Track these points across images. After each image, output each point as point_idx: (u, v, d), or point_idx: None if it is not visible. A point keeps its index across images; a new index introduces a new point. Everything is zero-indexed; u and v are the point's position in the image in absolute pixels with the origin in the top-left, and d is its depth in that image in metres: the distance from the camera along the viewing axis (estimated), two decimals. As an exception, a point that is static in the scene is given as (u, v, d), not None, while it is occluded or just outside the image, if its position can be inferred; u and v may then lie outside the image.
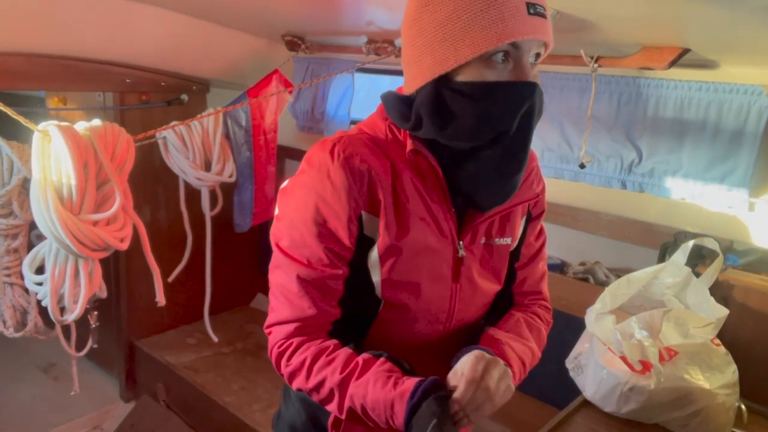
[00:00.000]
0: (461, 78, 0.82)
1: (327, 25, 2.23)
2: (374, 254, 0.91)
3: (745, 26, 1.28)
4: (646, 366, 1.41)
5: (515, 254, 1.07)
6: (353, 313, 0.96)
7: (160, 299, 1.84)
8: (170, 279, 2.52)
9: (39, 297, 1.69)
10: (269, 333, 0.94)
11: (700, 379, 1.39)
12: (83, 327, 2.14)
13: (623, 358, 1.44)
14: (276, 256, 0.93)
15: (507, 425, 1.93)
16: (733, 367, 1.44)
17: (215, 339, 2.70)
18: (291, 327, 0.90)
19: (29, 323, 2.17)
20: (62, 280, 1.63)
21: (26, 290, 2.11)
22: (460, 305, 0.98)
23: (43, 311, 1.86)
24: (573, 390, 1.53)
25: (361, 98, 2.69)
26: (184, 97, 2.73)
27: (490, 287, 1.02)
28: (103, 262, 1.74)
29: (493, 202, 0.91)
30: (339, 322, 0.93)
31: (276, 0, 1.93)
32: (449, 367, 0.93)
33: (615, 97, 1.81)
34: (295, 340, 0.90)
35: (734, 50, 1.50)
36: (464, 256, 0.95)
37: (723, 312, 1.47)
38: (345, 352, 0.88)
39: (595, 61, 1.66)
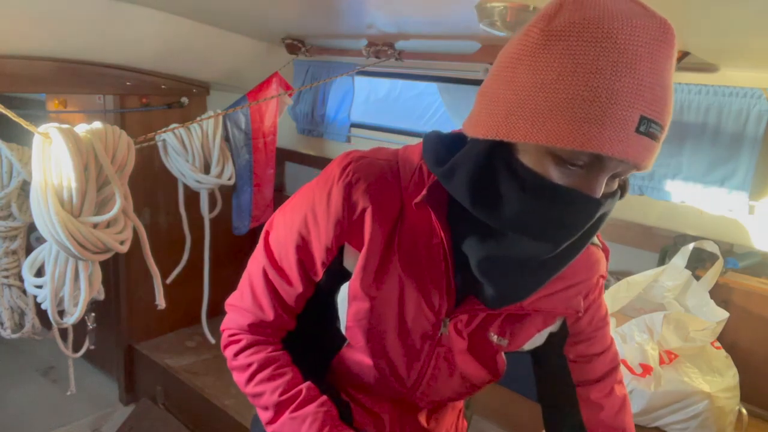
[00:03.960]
0: (522, 156, 0.68)
1: (327, 28, 2.23)
2: (344, 291, 0.85)
3: (745, 30, 1.28)
4: (646, 369, 1.41)
5: (552, 354, 0.94)
6: (317, 340, 0.94)
7: (161, 302, 1.84)
8: (169, 280, 2.52)
9: (39, 300, 1.68)
10: (227, 309, 0.94)
11: (700, 383, 1.39)
12: (81, 328, 2.13)
13: (623, 361, 1.44)
14: (260, 241, 0.92)
15: (507, 427, 1.93)
16: (734, 370, 1.44)
17: (212, 341, 2.70)
18: (245, 321, 0.89)
19: (27, 324, 2.17)
20: (62, 283, 1.63)
21: (24, 291, 2.10)
22: (433, 383, 0.90)
23: (40, 312, 1.86)
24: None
25: (361, 101, 2.70)
26: (184, 100, 2.73)
27: (476, 376, 0.91)
28: (103, 265, 1.74)
29: (499, 299, 0.79)
30: (293, 333, 0.92)
31: (276, 3, 1.94)
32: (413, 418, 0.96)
33: (615, 100, 1.82)
34: (246, 338, 0.89)
35: (734, 53, 1.51)
36: (445, 335, 0.85)
37: (723, 315, 1.47)
38: (292, 372, 0.87)
39: (595, 65, 1.66)
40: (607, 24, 0.61)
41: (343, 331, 0.88)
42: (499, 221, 0.71)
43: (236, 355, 0.89)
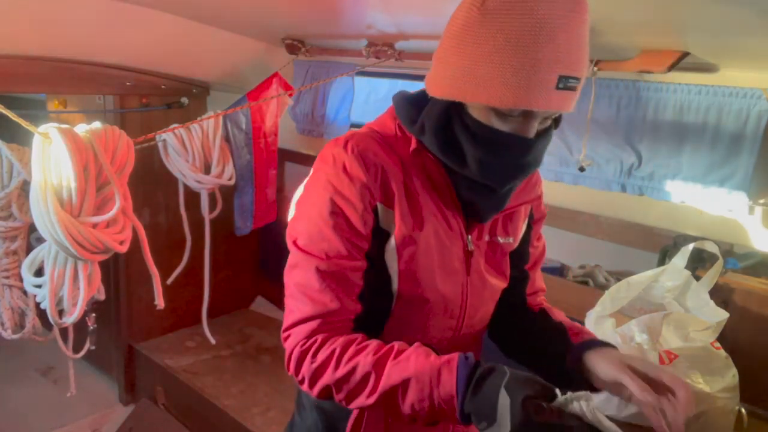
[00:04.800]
0: (472, 111, 0.85)
1: (327, 29, 2.23)
2: (391, 245, 0.92)
3: (745, 30, 1.28)
4: (646, 369, 1.40)
5: (522, 255, 1.10)
6: (368, 311, 0.94)
7: (160, 302, 1.84)
8: (169, 281, 2.52)
9: (38, 299, 1.68)
10: (287, 336, 0.90)
11: (700, 383, 1.38)
12: (81, 329, 2.13)
13: (623, 362, 1.43)
14: (293, 255, 0.92)
15: (507, 429, 1.93)
16: (734, 370, 1.44)
17: (212, 341, 2.70)
18: (314, 324, 0.88)
19: (27, 325, 2.17)
20: (61, 283, 1.63)
21: (25, 292, 2.10)
22: (473, 299, 1.00)
23: (41, 313, 1.86)
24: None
25: (361, 101, 2.70)
26: (185, 100, 2.73)
27: (497, 283, 1.04)
28: (103, 265, 1.74)
29: (488, 214, 0.96)
30: (360, 319, 0.91)
31: (276, 3, 1.94)
32: None
33: (614, 100, 1.82)
34: (320, 337, 0.87)
35: (734, 54, 1.51)
36: (473, 250, 0.98)
37: (723, 315, 1.47)
38: (375, 341, 0.86)
39: (595, 65, 1.66)
40: (530, 3, 0.76)
41: (395, 287, 0.93)
42: (463, 168, 0.89)
43: (315, 355, 0.86)
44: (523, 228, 1.08)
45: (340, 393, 0.85)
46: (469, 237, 0.98)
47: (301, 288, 0.89)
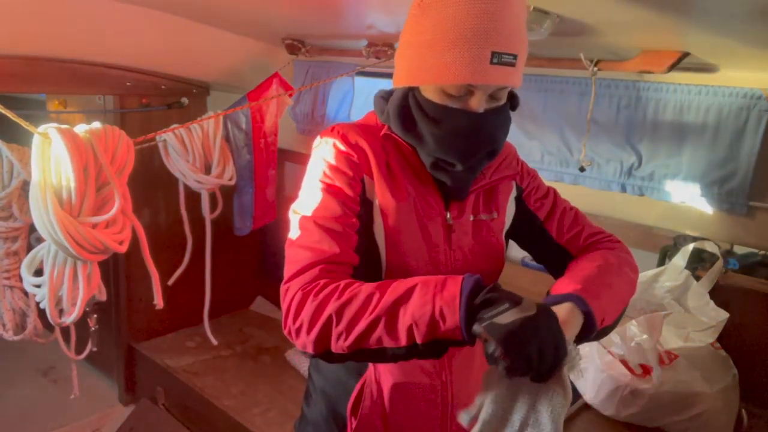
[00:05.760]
0: (426, 94, 0.96)
1: (327, 29, 2.23)
2: (377, 216, 1.00)
3: (745, 30, 1.28)
4: (646, 369, 1.41)
5: (533, 221, 1.15)
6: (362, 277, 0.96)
7: (159, 302, 1.84)
8: (170, 282, 2.52)
9: (37, 299, 1.68)
10: (287, 289, 0.90)
11: (700, 383, 1.38)
12: (83, 330, 2.13)
13: (623, 362, 1.44)
14: (293, 225, 0.99)
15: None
16: (734, 370, 1.44)
17: (214, 342, 2.70)
18: (315, 270, 0.90)
19: (28, 326, 2.17)
20: (60, 283, 1.63)
21: (26, 293, 2.10)
22: (460, 274, 1.02)
23: (42, 314, 1.86)
24: (573, 393, 1.53)
25: (362, 101, 2.70)
26: (185, 100, 2.74)
27: (487, 264, 1.08)
28: (103, 265, 1.74)
29: (459, 191, 1.03)
30: (358, 274, 0.93)
31: (276, 4, 1.94)
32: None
33: (614, 100, 1.81)
34: (322, 281, 0.88)
35: (734, 54, 1.51)
36: (452, 224, 1.04)
37: (723, 315, 1.47)
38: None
39: (595, 65, 1.66)
40: None
41: (383, 255, 1.00)
42: (422, 146, 0.98)
43: (317, 294, 0.86)
44: (510, 203, 1.13)
45: (340, 323, 0.83)
46: (449, 214, 1.04)
47: (302, 244, 0.94)
